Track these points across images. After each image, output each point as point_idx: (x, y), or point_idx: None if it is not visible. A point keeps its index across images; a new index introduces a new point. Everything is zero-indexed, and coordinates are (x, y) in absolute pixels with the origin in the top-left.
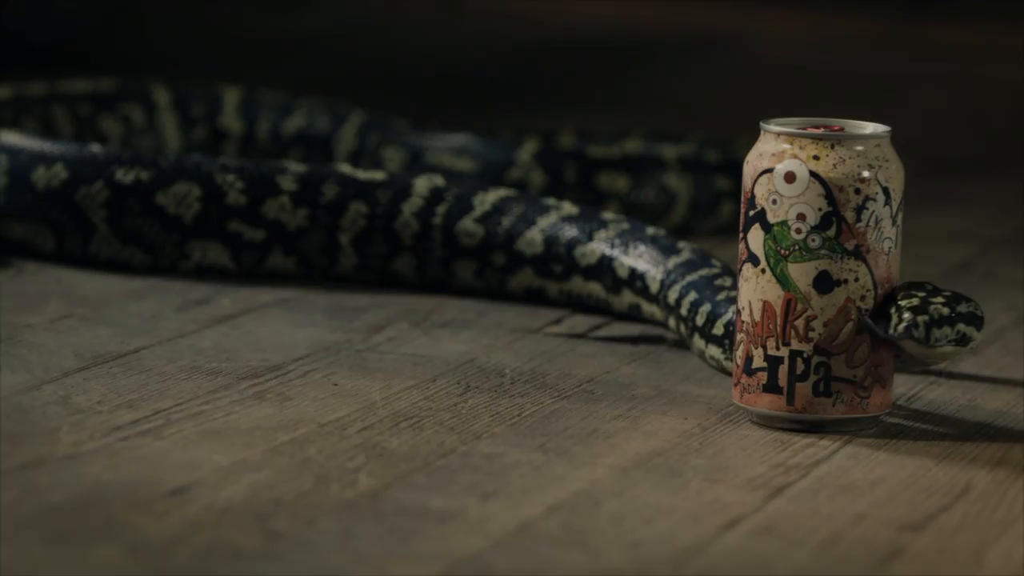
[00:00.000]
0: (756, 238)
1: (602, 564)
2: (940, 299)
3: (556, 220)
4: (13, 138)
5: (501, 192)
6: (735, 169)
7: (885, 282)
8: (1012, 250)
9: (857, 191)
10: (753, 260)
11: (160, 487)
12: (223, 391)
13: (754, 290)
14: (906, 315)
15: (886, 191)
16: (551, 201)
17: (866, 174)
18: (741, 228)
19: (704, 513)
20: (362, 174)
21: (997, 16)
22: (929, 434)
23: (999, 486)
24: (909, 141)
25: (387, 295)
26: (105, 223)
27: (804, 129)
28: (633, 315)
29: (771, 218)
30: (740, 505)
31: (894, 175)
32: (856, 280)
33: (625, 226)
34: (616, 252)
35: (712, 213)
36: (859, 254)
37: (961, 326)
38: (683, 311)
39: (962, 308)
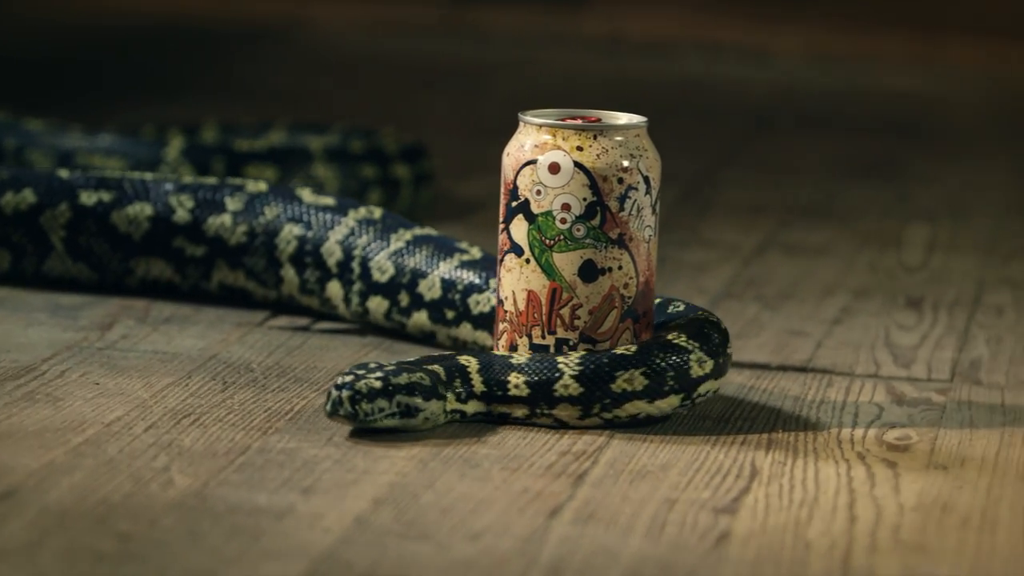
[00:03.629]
0: (520, 229)
1: (454, 556)
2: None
3: (457, 264)
4: None
5: (422, 231)
6: (379, 158)
7: (646, 270)
8: (669, 231)
9: (620, 180)
10: (517, 250)
11: None
12: None
13: (518, 280)
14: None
15: (647, 180)
16: (463, 244)
17: (627, 164)
18: (502, 219)
19: (523, 502)
20: (309, 197)
21: (545, 4)
22: (688, 418)
23: (782, 467)
24: (506, 127)
25: (94, 295)
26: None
27: (564, 120)
28: None
29: (535, 208)
30: (552, 493)
31: (653, 164)
32: (620, 268)
33: None
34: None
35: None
36: (623, 243)
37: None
38: None
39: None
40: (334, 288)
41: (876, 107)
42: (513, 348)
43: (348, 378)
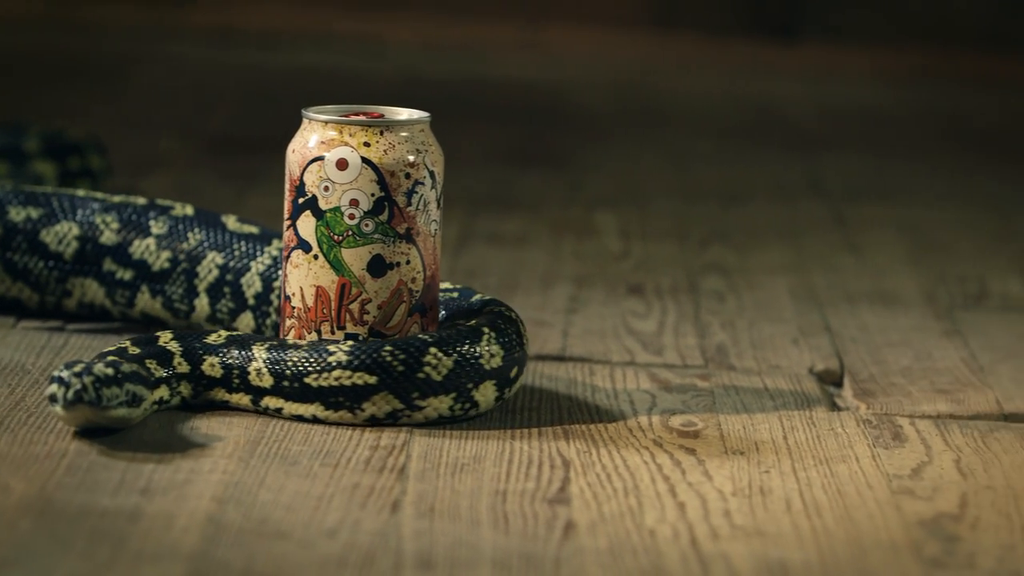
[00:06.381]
0: (307, 225)
1: (320, 553)
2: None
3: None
4: None
5: None
6: (15, 155)
7: (432, 264)
8: None
9: (407, 176)
10: (304, 247)
11: None
12: None
13: (306, 276)
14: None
15: (432, 175)
16: None
17: (414, 159)
18: (288, 215)
19: (360, 498)
20: (234, 225)
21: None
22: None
23: (589, 456)
24: (162, 121)
25: None
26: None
27: (349, 116)
28: None
29: (323, 205)
30: (384, 489)
31: (437, 159)
32: (408, 263)
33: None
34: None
35: None
36: (410, 237)
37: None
38: None
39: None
40: (245, 319)
41: (504, 95)
42: None
43: (77, 367)
